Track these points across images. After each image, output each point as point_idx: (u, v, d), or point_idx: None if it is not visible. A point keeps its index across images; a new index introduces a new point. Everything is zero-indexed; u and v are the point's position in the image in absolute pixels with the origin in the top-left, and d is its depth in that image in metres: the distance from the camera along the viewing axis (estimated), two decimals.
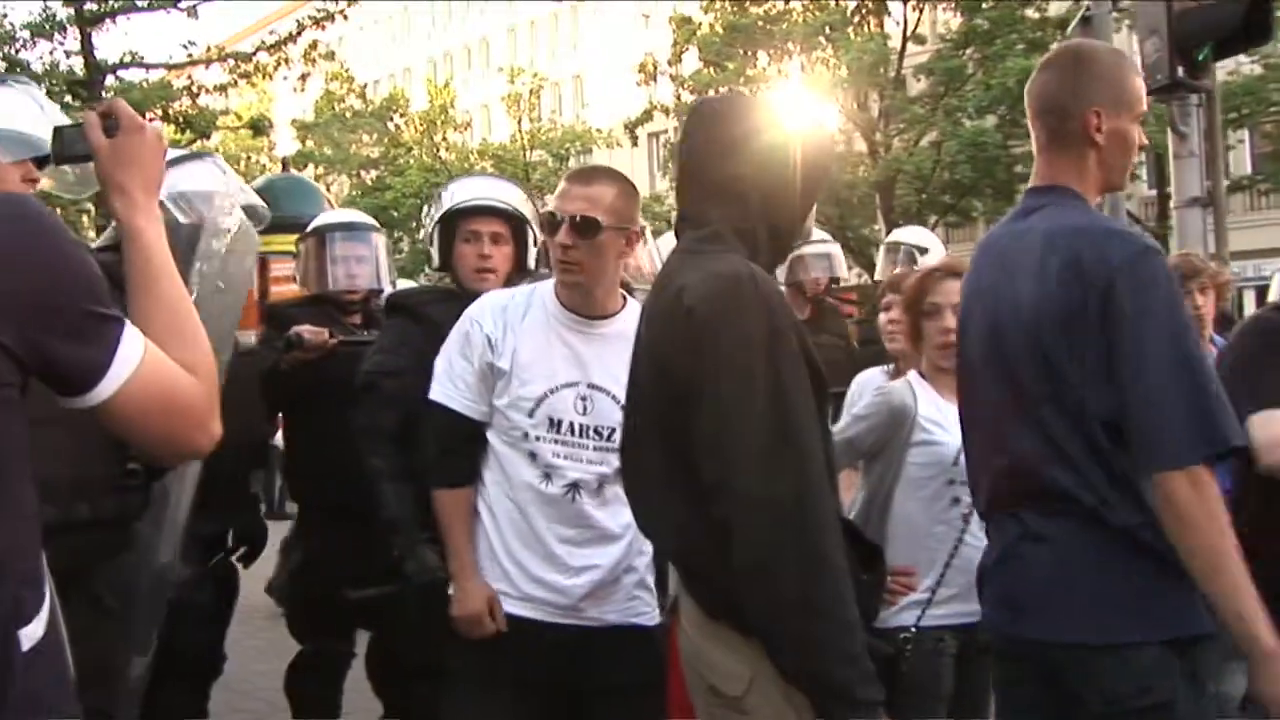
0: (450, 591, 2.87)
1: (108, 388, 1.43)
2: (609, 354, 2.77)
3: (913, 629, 3.00)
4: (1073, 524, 2.17)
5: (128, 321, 1.47)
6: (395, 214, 29.16)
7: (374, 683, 4.13)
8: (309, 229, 4.35)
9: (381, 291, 4.24)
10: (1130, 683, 2.13)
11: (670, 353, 2.11)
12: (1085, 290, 2.16)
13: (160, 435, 1.51)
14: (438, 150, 32.78)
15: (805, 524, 1.97)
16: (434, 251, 3.68)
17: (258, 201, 3.47)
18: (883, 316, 3.80)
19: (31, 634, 1.41)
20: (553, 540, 2.77)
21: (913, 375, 3.19)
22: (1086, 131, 2.29)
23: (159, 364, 1.48)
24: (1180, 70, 6.97)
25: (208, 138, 19.88)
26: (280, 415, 4.46)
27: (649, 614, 2.89)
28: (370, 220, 4.52)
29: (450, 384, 2.88)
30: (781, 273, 5.06)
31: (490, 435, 2.85)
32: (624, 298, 2.91)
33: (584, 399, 2.80)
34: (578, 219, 2.73)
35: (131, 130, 1.66)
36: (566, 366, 2.80)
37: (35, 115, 1.88)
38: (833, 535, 2.02)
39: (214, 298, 2.45)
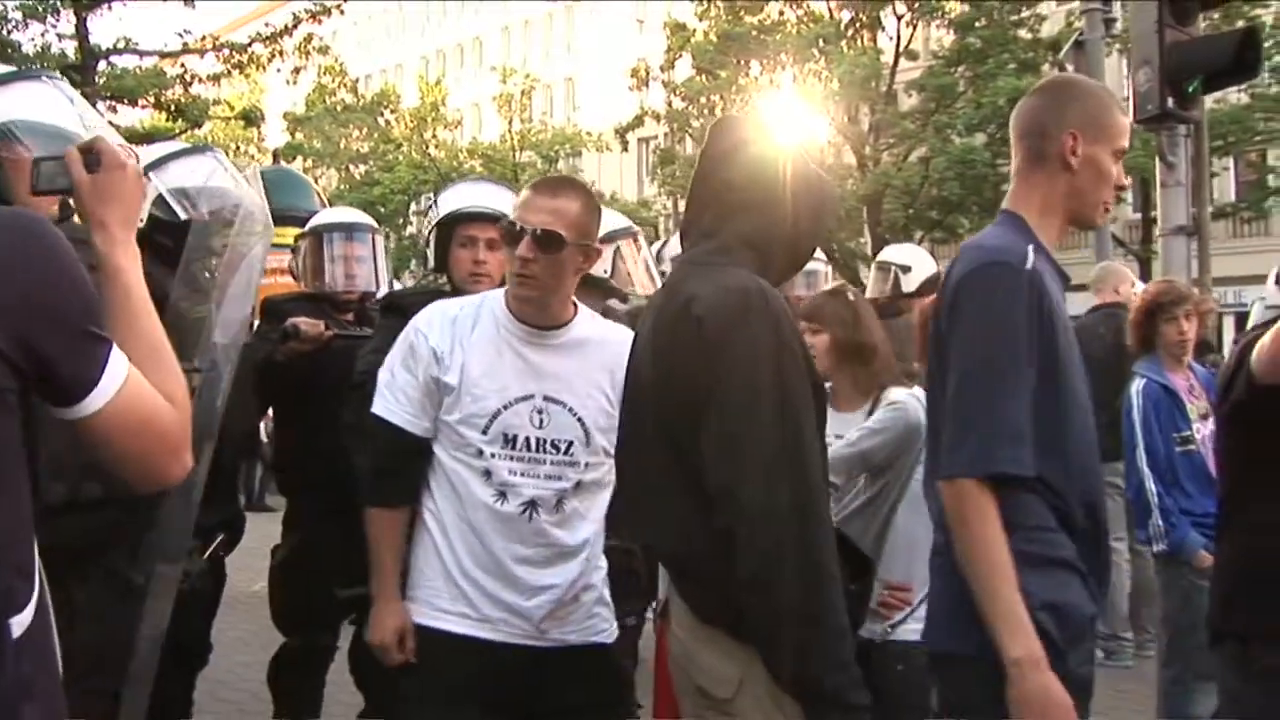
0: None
1: (95, 402, 1.49)
2: (563, 365, 2.71)
3: (878, 635, 3.07)
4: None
5: (115, 344, 1.53)
6: (382, 210, 29.15)
7: (356, 677, 4.15)
8: (308, 227, 4.38)
9: (374, 293, 4.27)
10: (968, 693, 2.15)
11: (678, 361, 2.15)
12: (943, 306, 2.22)
13: (138, 457, 1.56)
14: (427, 147, 32.76)
15: (806, 535, 2.03)
16: (430, 253, 3.71)
17: (259, 199, 3.51)
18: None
19: (21, 622, 1.46)
20: (510, 561, 2.66)
21: (918, 390, 3.24)
22: (1062, 153, 2.29)
23: (141, 387, 1.54)
24: (1170, 101, 7.08)
25: (199, 127, 19.88)
26: (268, 408, 4.47)
27: (607, 631, 2.81)
28: (370, 221, 4.55)
29: (392, 397, 2.75)
30: None
31: (440, 452, 2.72)
32: (575, 305, 2.81)
33: (540, 412, 2.68)
34: (540, 232, 2.62)
35: (112, 167, 1.70)
36: (520, 379, 2.69)
37: (66, 109, 1.91)
38: (830, 546, 2.09)
39: (237, 287, 2.48)
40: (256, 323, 4.34)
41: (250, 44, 18.49)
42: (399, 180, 30.94)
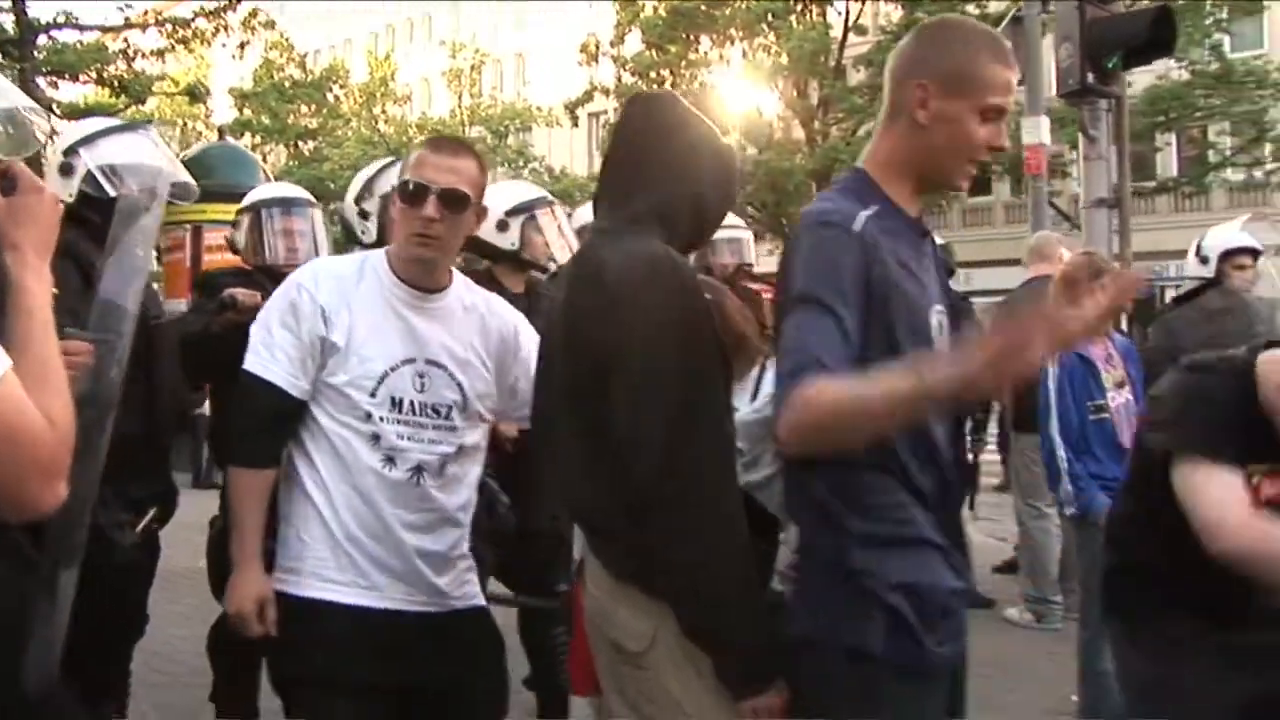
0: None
1: None
2: (442, 329, 2.71)
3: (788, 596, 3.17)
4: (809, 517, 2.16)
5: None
6: (332, 185, 28.87)
7: None
8: (246, 203, 4.41)
9: None
10: (807, 683, 2.13)
11: (588, 324, 2.22)
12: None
13: (2, 469, 1.46)
14: (376, 123, 32.52)
15: (711, 494, 2.11)
16: (372, 225, 3.72)
17: (188, 178, 3.55)
18: None
19: None
20: (398, 526, 2.63)
21: None
22: (909, 106, 2.10)
23: (16, 395, 1.47)
24: (1090, 76, 7.26)
25: (143, 103, 19.63)
26: (203, 382, 4.50)
27: (479, 596, 2.83)
28: (308, 195, 4.58)
29: (270, 355, 2.65)
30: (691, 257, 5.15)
31: (321, 415, 2.65)
32: (450, 272, 2.79)
33: (421, 376, 2.66)
34: (445, 191, 2.61)
35: (29, 190, 1.71)
36: (404, 343, 2.66)
37: None
38: (736, 504, 2.17)
39: (141, 266, 2.49)
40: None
41: (194, 19, 18.28)
42: (348, 156, 30.64)
